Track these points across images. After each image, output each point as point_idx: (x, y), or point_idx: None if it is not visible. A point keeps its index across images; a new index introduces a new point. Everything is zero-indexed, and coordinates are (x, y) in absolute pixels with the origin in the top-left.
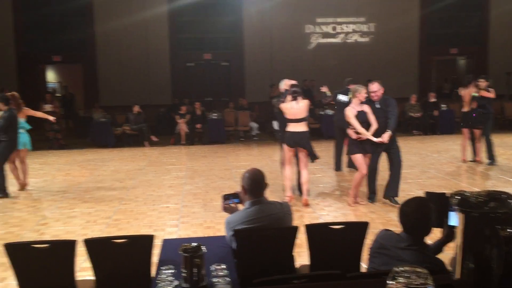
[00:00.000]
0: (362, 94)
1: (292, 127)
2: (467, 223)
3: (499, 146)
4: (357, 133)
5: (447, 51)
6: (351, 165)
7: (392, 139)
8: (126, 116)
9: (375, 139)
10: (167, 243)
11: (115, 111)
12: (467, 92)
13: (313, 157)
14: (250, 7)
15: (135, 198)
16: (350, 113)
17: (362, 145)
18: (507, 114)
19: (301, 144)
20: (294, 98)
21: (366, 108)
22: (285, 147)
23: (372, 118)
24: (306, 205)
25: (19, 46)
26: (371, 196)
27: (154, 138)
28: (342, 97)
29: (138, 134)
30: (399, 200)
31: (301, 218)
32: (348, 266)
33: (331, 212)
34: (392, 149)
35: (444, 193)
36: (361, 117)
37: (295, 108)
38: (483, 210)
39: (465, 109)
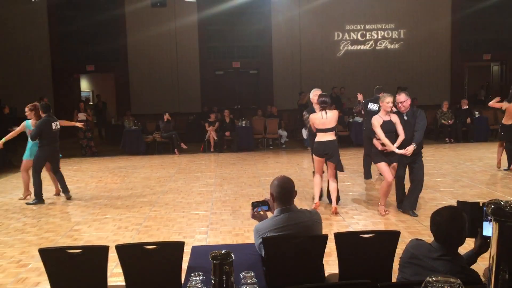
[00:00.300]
0: (384, 103)
1: (320, 137)
2: (502, 233)
3: None
4: (383, 144)
5: (480, 57)
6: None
7: (417, 154)
8: (157, 124)
9: (398, 151)
10: (196, 249)
11: (145, 119)
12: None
13: (340, 167)
14: (279, 15)
15: (165, 205)
16: (376, 122)
17: (387, 156)
18: None
19: (330, 154)
20: (323, 108)
21: (395, 118)
22: (314, 156)
23: (399, 129)
24: (336, 213)
25: (54, 56)
26: (399, 205)
27: (183, 146)
28: (372, 106)
29: (168, 141)
30: (417, 212)
31: (330, 227)
32: (378, 276)
33: (361, 221)
34: (415, 164)
35: (477, 202)
36: (387, 127)
37: (324, 118)
38: None
39: (508, 122)
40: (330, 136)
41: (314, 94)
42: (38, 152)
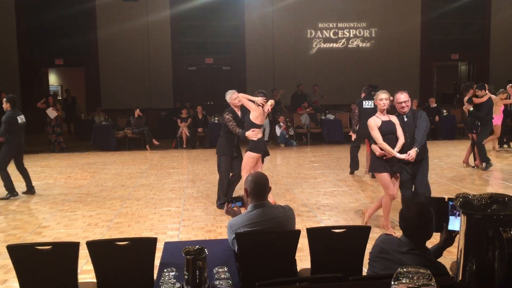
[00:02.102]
0: (377, 100)
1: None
2: (470, 225)
3: (503, 152)
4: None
5: (449, 56)
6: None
7: (422, 160)
8: (128, 119)
9: (400, 155)
10: (169, 245)
11: (116, 115)
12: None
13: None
14: (252, 12)
15: (136, 201)
16: (373, 123)
17: (388, 163)
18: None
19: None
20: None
21: (394, 119)
22: (255, 155)
23: (399, 131)
24: None
25: (21, 50)
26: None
27: (155, 142)
28: (367, 103)
29: (140, 137)
30: None
31: (302, 223)
32: (349, 270)
33: (332, 217)
34: (418, 173)
35: (443, 198)
36: (387, 127)
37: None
38: (486, 212)
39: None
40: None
41: (232, 98)
42: (4, 148)
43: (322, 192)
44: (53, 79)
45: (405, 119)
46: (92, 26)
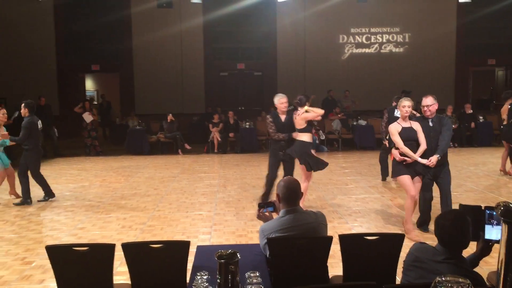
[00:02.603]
0: (400, 107)
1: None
2: (511, 235)
3: None
4: (402, 154)
5: (485, 61)
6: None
7: (442, 165)
8: (161, 124)
9: (421, 160)
10: (201, 249)
11: (150, 119)
12: (504, 108)
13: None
14: (284, 18)
15: (168, 205)
16: (394, 129)
17: (409, 167)
18: None
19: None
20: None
21: (416, 125)
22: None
23: (421, 137)
24: None
25: (59, 56)
26: (421, 226)
27: (187, 146)
28: (397, 113)
29: (172, 142)
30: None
31: (334, 229)
32: (382, 278)
33: (364, 224)
34: (439, 178)
35: (480, 206)
36: (407, 134)
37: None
38: None
39: (504, 122)
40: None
41: (280, 102)
42: (29, 156)
43: (353, 199)
44: (89, 85)
45: (430, 124)
46: (128, 33)
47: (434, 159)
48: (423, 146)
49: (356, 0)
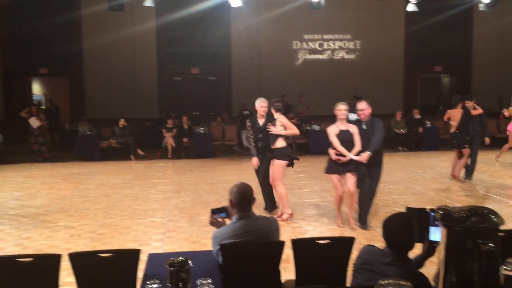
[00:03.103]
0: (336, 110)
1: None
2: (450, 238)
3: (482, 162)
4: (339, 154)
5: (432, 69)
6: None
7: (375, 164)
8: (112, 129)
9: (354, 157)
10: (153, 257)
11: (101, 125)
12: (456, 113)
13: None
14: (238, 23)
15: (120, 212)
16: (331, 131)
17: (340, 166)
18: (490, 131)
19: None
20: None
21: (353, 128)
22: (283, 163)
23: (357, 139)
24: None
25: (5, 58)
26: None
27: (140, 152)
28: (351, 116)
29: (124, 147)
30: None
31: (287, 233)
32: (333, 282)
33: (317, 228)
34: (373, 172)
35: (424, 209)
36: (343, 136)
37: None
38: (466, 224)
39: (452, 129)
40: None
41: (260, 105)
42: None
43: (307, 203)
44: (36, 89)
45: (364, 127)
46: (77, 36)
47: (365, 155)
48: (357, 147)
49: (309, 7)
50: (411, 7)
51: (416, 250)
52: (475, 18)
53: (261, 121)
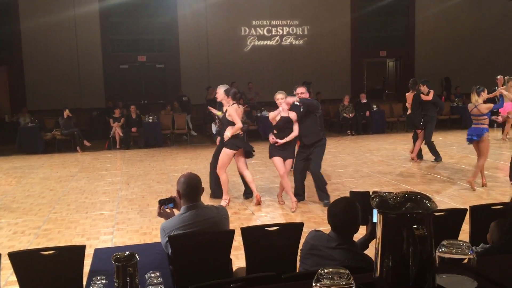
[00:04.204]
0: (275, 99)
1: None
2: (385, 224)
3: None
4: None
5: (377, 53)
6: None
7: (314, 146)
8: (56, 120)
9: (279, 141)
10: (99, 252)
11: (44, 116)
12: (410, 96)
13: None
14: (185, 8)
15: (66, 206)
16: (272, 116)
17: (283, 150)
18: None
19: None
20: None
21: (293, 115)
22: (230, 152)
23: (295, 126)
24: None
25: None
26: (298, 198)
27: (86, 143)
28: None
29: (70, 139)
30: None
31: (239, 221)
32: (284, 268)
33: (269, 213)
34: (312, 154)
35: (368, 192)
36: (283, 122)
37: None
38: (400, 211)
39: (408, 112)
40: None
41: (220, 92)
42: None
43: (259, 189)
44: None
45: (301, 109)
46: (14, 19)
47: (281, 141)
48: (294, 133)
49: None
50: None
51: (361, 232)
52: (417, 4)
53: (225, 109)
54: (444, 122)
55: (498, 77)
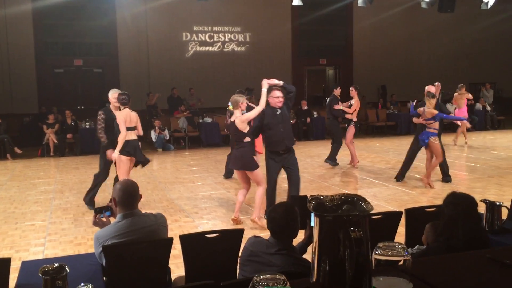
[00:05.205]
0: (240, 102)
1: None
2: (322, 227)
3: (363, 150)
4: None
5: (317, 61)
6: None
7: (290, 153)
8: None
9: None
10: (26, 265)
11: None
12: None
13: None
14: (124, 12)
15: None
16: (250, 117)
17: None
18: (370, 120)
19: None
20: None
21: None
22: (124, 158)
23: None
24: None
25: None
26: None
27: (17, 150)
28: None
29: None
30: None
31: (180, 228)
32: (224, 275)
33: (210, 221)
34: (288, 168)
35: (306, 196)
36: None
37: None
38: (337, 213)
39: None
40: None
41: (113, 97)
42: None
43: (200, 196)
44: None
45: (278, 112)
46: None
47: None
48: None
49: None
50: (296, 1)
51: (300, 236)
52: (354, 14)
53: (116, 113)
54: (380, 129)
55: (436, 83)
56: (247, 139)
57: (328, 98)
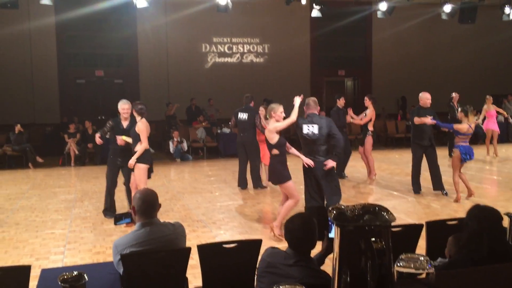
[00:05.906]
0: (278, 113)
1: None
2: (343, 237)
3: (382, 161)
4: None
5: (336, 72)
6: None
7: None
8: (7, 135)
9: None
10: (46, 273)
11: None
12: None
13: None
14: (145, 24)
15: (15, 224)
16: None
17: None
18: (389, 132)
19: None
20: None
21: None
22: (145, 166)
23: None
24: None
25: None
26: None
27: (39, 159)
28: (242, 115)
29: (21, 155)
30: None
31: (198, 238)
32: (241, 286)
33: (228, 231)
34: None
35: (323, 206)
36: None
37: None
38: (358, 223)
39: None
40: None
41: (122, 107)
42: None
43: (218, 206)
44: None
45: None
46: None
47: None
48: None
49: (216, 9)
50: (315, 13)
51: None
52: (374, 25)
53: (124, 124)
54: (400, 140)
55: (453, 94)
56: (275, 151)
57: (332, 109)
